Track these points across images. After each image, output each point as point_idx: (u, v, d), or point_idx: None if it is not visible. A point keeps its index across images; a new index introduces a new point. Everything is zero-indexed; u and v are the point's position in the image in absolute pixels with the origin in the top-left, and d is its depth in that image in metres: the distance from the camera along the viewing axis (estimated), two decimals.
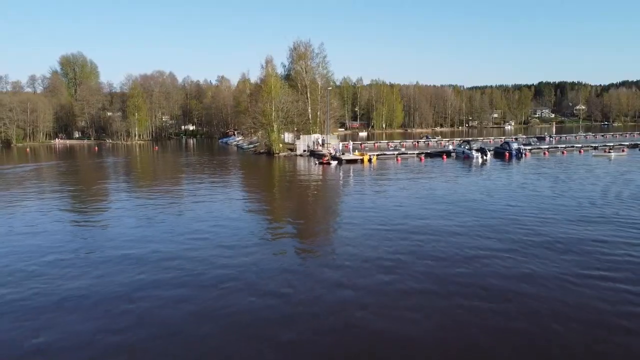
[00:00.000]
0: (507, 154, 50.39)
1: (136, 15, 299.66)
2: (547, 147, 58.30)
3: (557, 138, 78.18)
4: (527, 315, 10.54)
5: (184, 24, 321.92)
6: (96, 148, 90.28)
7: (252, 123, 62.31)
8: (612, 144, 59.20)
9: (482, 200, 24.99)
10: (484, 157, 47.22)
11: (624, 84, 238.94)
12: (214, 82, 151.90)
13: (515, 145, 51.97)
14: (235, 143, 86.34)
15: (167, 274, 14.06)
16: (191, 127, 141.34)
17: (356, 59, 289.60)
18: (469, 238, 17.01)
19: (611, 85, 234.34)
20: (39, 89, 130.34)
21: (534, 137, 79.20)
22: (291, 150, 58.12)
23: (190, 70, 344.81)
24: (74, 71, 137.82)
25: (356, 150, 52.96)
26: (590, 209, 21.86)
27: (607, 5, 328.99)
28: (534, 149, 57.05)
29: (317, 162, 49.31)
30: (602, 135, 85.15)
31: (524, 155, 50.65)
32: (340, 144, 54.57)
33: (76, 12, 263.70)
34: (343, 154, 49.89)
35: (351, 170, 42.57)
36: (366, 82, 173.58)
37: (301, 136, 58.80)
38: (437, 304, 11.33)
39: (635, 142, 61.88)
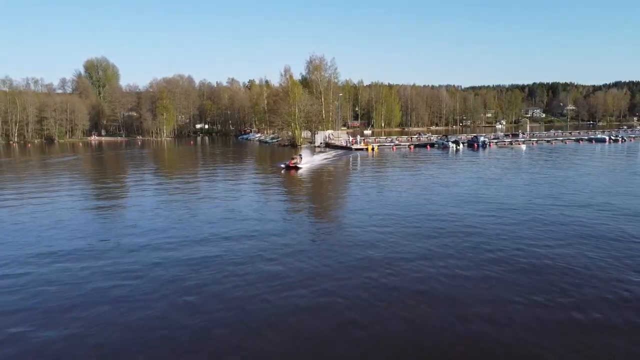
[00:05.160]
0: (475, 144, 69.95)
1: (145, 19, 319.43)
2: (509, 140, 77.96)
3: (529, 135, 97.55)
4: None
5: (193, 28, 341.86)
6: (139, 143, 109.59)
7: (280, 122, 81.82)
8: (522, 139, 79.57)
9: (433, 165, 44.52)
10: (458, 147, 66.77)
11: (617, 84, 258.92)
12: (224, 84, 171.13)
13: (482, 139, 71.66)
14: (257, 139, 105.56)
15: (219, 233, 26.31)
16: (205, 126, 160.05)
17: (358, 61, 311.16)
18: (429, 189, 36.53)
19: (604, 86, 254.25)
20: (68, 91, 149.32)
21: (510, 133, 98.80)
22: (310, 142, 77.55)
23: (198, 71, 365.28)
24: (98, 74, 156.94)
25: (362, 142, 72.33)
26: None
27: (605, 6, 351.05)
28: (500, 141, 76.74)
29: (283, 166, 44.62)
30: (569, 132, 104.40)
31: (488, 146, 70.28)
32: (350, 137, 74.15)
33: (87, 17, 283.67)
34: (352, 144, 69.32)
35: (359, 155, 61.95)
36: (366, 83, 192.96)
37: (318, 132, 78.33)
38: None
39: (580, 138, 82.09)
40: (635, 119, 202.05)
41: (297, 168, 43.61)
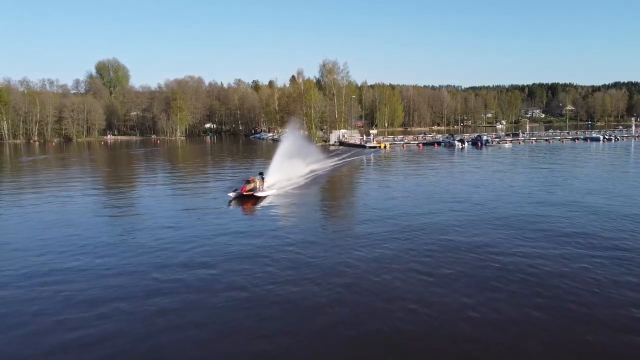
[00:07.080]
0: (479, 143, 76.80)
1: (150, 20, 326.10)
2: (510, 139, 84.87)
3: (528, 134, 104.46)
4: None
5: (198, 30, 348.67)
6: (158, 142, 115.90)
7: (297, 122, 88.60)
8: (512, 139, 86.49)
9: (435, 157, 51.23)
10: (462, 145, 73.62)
11: (616, 85, 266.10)
12: (231, 84, 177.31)
13: (484, 138, 78.72)
14: (269, 137, 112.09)
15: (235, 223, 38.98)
16: (213, 126, 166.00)
17: (361, 62, 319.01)
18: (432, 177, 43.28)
19: (603, 87, 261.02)
20: (81, 91, 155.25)
21: (510, 133, 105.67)
22: (325, 141, 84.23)
23: (204, 72, 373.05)
24: (109, 75, 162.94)
25: (374, 141, 79.06)
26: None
27: (605, 7, 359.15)
28: (501, 140, 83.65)
29: (231, 195, 28.34)
30: (567, 132, 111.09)
31: (490, 144, 77.11)
32: (364, 136, 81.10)
33: (96, 19, 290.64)
34: (366, 142, 76.11)
35: (372, 152, 68.63)
36: (369, 83, 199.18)
37: (332, 131, 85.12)
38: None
39: (576, 137, 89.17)
40: (632, 119, 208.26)
41: (256, 197, 27.89)
